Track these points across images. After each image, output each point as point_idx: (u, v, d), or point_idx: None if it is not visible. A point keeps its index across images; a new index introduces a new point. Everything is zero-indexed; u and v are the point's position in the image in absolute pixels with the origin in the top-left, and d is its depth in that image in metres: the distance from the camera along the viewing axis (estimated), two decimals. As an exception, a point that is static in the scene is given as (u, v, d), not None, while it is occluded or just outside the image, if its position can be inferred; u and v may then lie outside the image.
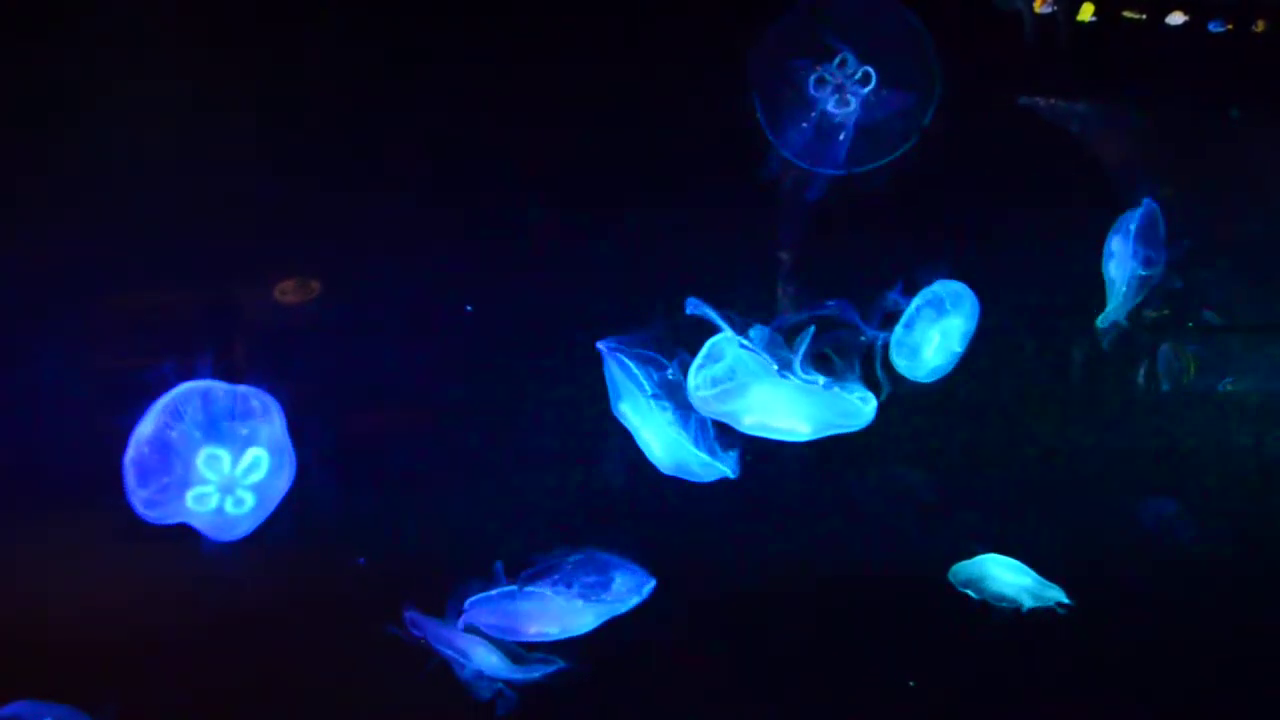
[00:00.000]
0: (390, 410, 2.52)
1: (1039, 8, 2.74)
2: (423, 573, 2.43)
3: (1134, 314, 2.73)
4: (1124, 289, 2.59)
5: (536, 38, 2.45)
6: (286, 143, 2.39)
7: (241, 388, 1.91)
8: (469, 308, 2.50)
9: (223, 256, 2.38)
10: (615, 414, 2.34)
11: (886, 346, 2.39)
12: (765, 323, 2.45)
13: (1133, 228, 2.58)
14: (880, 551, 2.75)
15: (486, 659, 2.29)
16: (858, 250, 2.65)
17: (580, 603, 2.31)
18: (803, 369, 2.22)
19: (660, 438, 2.31)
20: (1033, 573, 2.64)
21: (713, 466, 2.30)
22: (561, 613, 2.31)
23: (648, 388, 2.25)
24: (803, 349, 2.20)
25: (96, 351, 2.37)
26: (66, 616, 2.39)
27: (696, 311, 2.20)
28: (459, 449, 2.53)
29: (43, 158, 2.29)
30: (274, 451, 1.93)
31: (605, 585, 2.33)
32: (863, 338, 2.38)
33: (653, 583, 2.36)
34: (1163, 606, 2.79)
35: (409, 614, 2.30)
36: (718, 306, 2.38)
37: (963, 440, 2.78)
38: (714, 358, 2.21)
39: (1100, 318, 2.64)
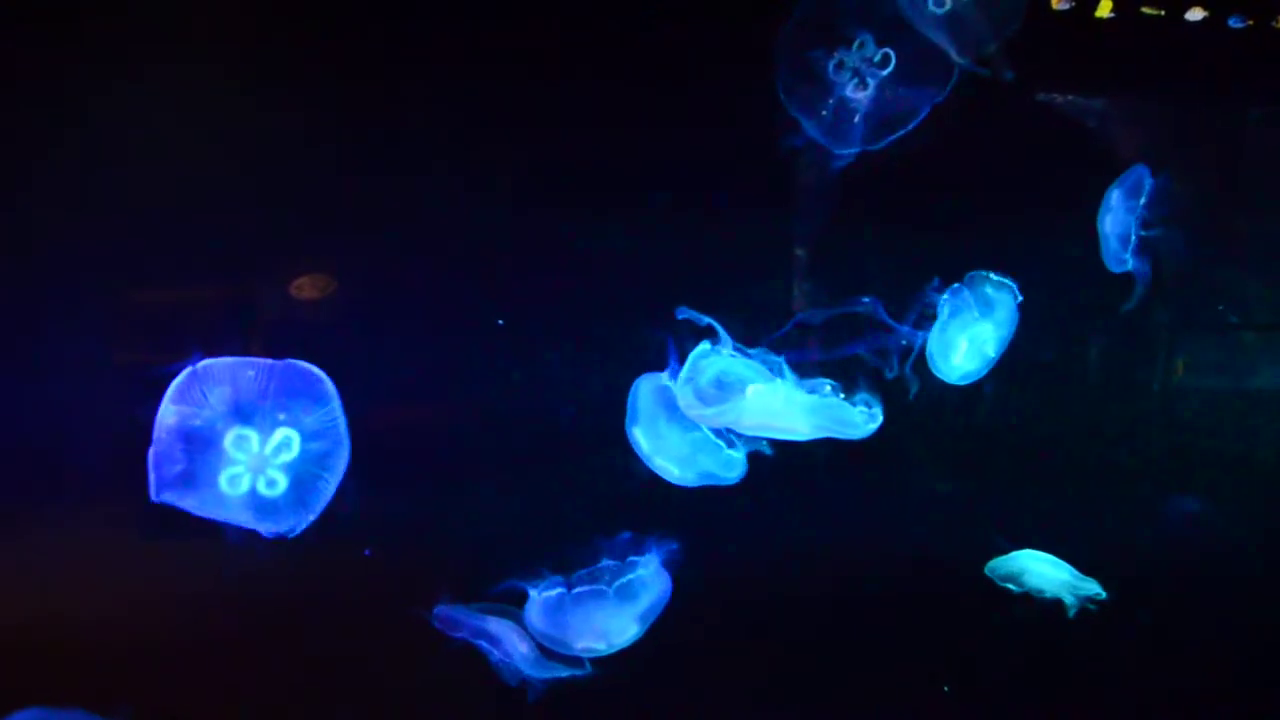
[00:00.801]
0: (411, 406, 2.54)
1: (1057, 4, 2.77)
2: (451, 565, 2.46)
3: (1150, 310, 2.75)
4: (1116, 245, 2.57)
5: (560, 38, 2.50)
6: (308, 137, 2.44)
7: (274, 365, 1.92)
8: (500, 321, 2.53)
9: (242, 252, 2.41)
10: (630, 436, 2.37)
11: (914, 346, 2.41)
12: (786, 320, 2.49)
13: (1133, 186, 2.58)
14: (911, 550, 2.75)
15: (517, 648, 2.29)
16: (874, 248, 2.69)
17: (623, 605, 2.31)
18: (799, 376, 2.23)
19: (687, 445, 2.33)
20: (1069, 567, 2.63)
21: (735, 462, 2.32)
22: (608, 621, 2.32)
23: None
24: (798, 356, 2.22)
25: (115, 348, 2.41)
26: (93, 614, 2.43)
27: (687, 317, 2.21)
28: (483, 444, 2.56)
29: (64, 155, 2.34)
30: (312, 435, 1.94)
31: (642, 581, 2.32)
32: (896, 338, 2.40)
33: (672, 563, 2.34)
34: (1193, 603, 2.79)
35: (440, 604, 2.31)
36: (735, 307, 2.42)
37: (994, 438, 2.78)
38: (699, 370, 2.22)
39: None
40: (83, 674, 2.37)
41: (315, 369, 1.96)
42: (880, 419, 2.22)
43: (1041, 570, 2.61)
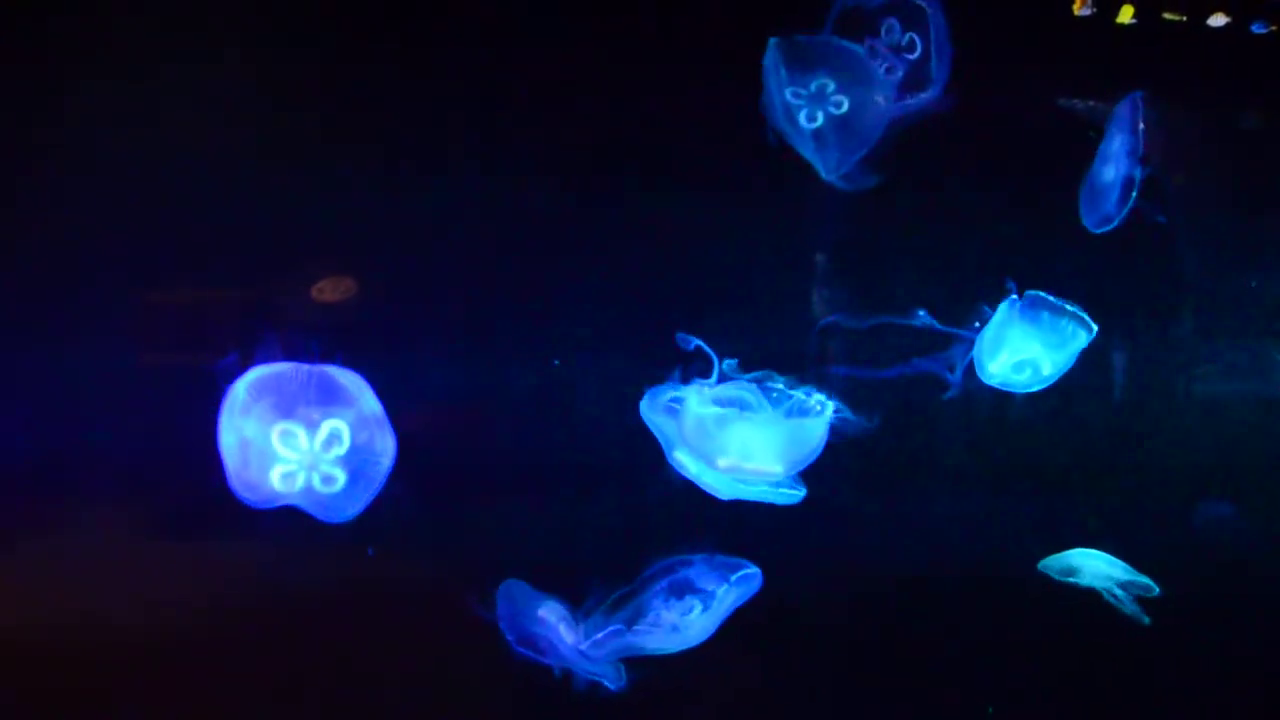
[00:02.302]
0: (443, 409, 2.58)
1: (1078, 10, 2.80)
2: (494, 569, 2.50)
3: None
4: (1117, 194, 2.58)
5: (578, 40, 2.54)
6: (329, 140, 2.48)
7: (314, 366, 2.00)
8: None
9: (266, 255, 2.47)
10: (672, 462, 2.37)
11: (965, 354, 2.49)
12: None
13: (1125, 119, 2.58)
14: (953, 553, 2.80)
15: (565, 639, 2.34)
16: (894, 254, 2.74)
17: (694, 611, 2.33)
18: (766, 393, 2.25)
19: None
20: (1121, 562, 2.66)
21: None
22: (677, 627, 2.33)
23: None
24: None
25: (144, 349, 2.47)
26: (124, 615, 2.49)
27: (685, 345, 2.24)
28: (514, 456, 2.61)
29: (88, 160, 2.39)
30: (357, 425, 2.04)
31: (710, 591, 2.35)
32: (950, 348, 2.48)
33: (757, 573, 2.38)
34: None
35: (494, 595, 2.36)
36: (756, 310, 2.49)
37: (1034, 442, 2.81)
38: (675, 409, 2.25)
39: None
40: (106, 675, 2.46)
41: (348, 370, 2.05)
42: (830, 407, 2.24)
43: (1095, 566, 2.64)
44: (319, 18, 2.46)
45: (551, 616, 2.37)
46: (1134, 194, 2.56)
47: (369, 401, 2.05)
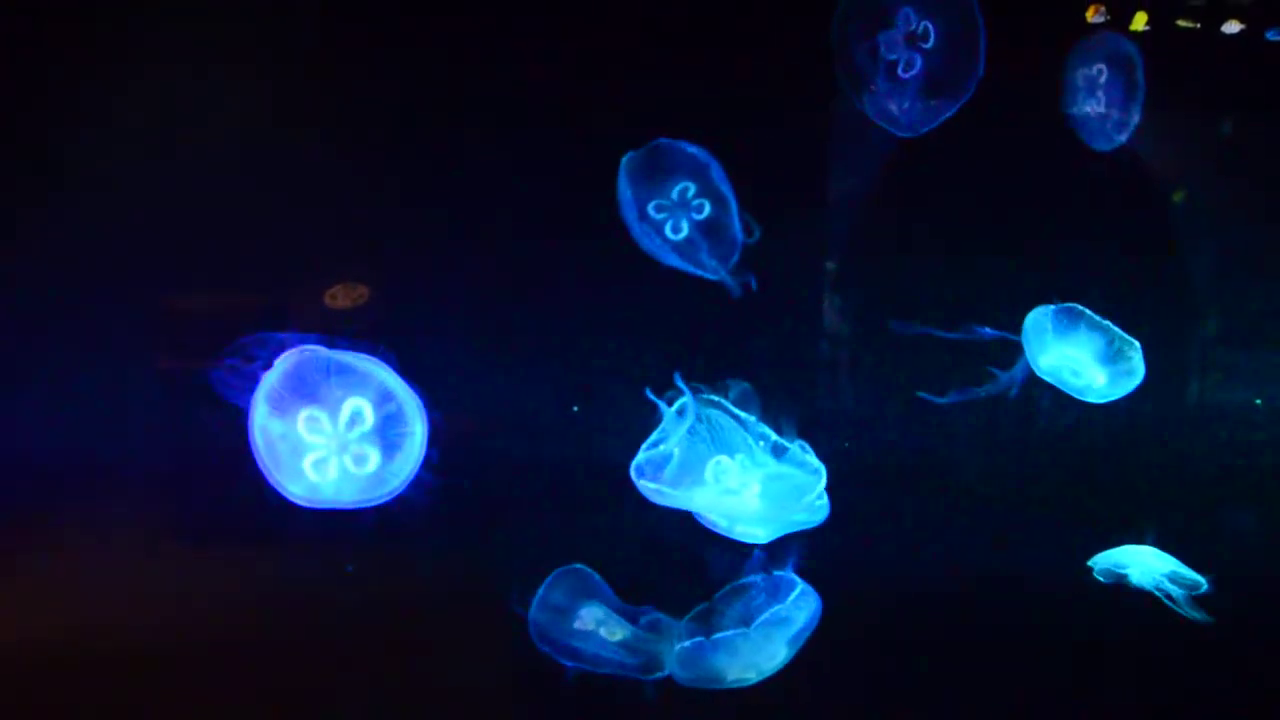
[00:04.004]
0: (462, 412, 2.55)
1: (1091, 17, 2.85)
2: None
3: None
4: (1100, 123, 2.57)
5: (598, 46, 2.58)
6: (342, 146, 2.50)
7: (327, 348, 2.01)
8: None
9: (277, 259, 2.50)
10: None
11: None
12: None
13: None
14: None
15: (608, 638, 2.33)
16: (906, 263, 2.76)
17: (769, 637, 2.30)
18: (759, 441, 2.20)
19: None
20: (1173, 559, 2.61)
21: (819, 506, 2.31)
22: (755, 655, 2.30)
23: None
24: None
25: (151, 354, 2.49)
26: (139, 620, 2.48)
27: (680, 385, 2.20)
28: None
29: (100, 164, 2.42)
30: (379, 400, 2.06)
31: (786, 611, 2.31)
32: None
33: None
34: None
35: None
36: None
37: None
38: (657, 450, 2.21)
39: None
40: (121, 682, 2.45)
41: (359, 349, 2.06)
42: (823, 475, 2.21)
43: (1145, 563, 2.59)
44: (341, 19, 2.52)
45: (590, 620, 2.35)
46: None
47: (386, 376, 2.06)
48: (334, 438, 2.07)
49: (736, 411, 2.21)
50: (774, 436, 2.22)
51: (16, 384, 2.44)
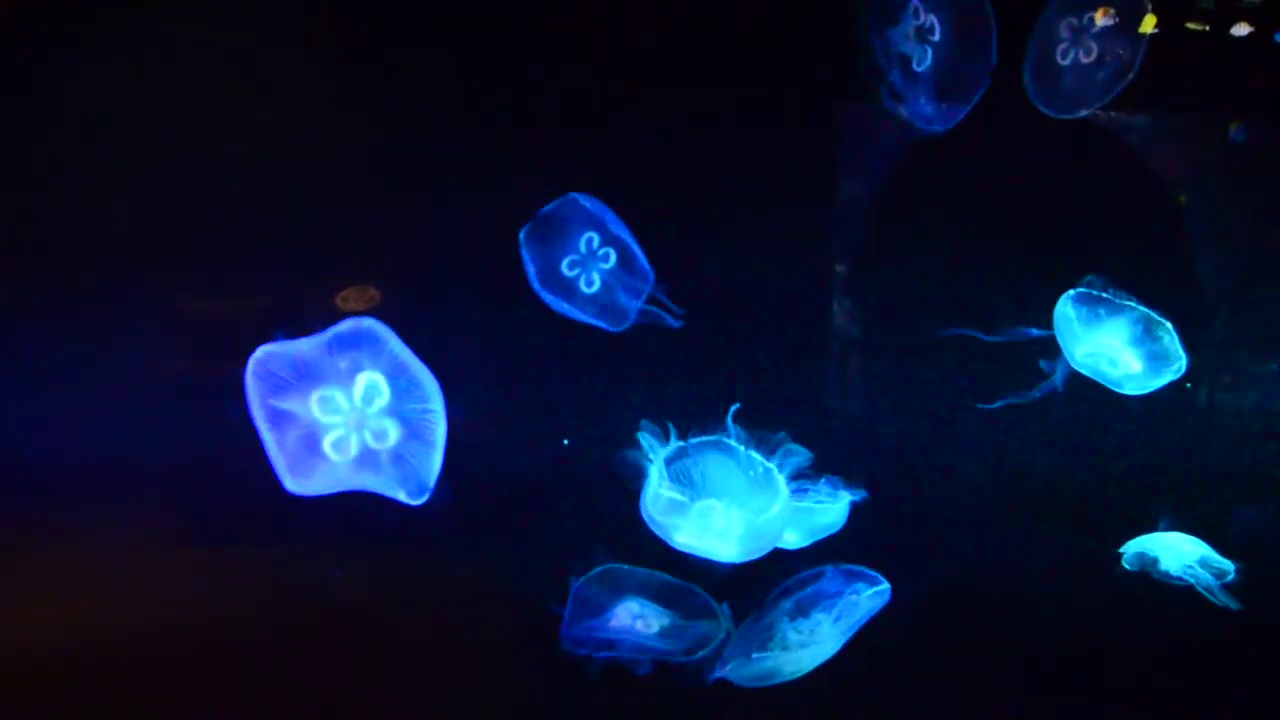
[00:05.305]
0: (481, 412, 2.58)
1: (1100, 20, 2.87)
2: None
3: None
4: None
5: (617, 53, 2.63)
6: (357, 149, 2.54)
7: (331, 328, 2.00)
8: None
9: (288, 262, 2.52)
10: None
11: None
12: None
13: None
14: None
15: (645, 631, 2.31)
16: (916, 265, 2.75)
17: (829, 626, 2.29)
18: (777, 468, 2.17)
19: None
20: (1203, 543, 2.57)
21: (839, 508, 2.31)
22: (809, 648, 2.28)
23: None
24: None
25: (163, 357, 2.52)
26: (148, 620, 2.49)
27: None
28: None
29: (111, 167, 2.46)
30: (392, 373, 2.04)
31: (851, 603, 2.30)
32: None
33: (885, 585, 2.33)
34: None
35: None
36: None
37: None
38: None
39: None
40: (131, 684, 2.46)
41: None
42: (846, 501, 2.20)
43: (1174, 547, 2.55)
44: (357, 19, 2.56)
45: (626, 615, 2.34)
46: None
47: (396, 346, 2.04)
48: (351, 413, 2.05)
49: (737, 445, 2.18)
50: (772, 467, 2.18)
51: (35, 386, 2.47)
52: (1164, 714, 2.74)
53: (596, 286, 2.43)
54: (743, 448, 2.13)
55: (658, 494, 2.10)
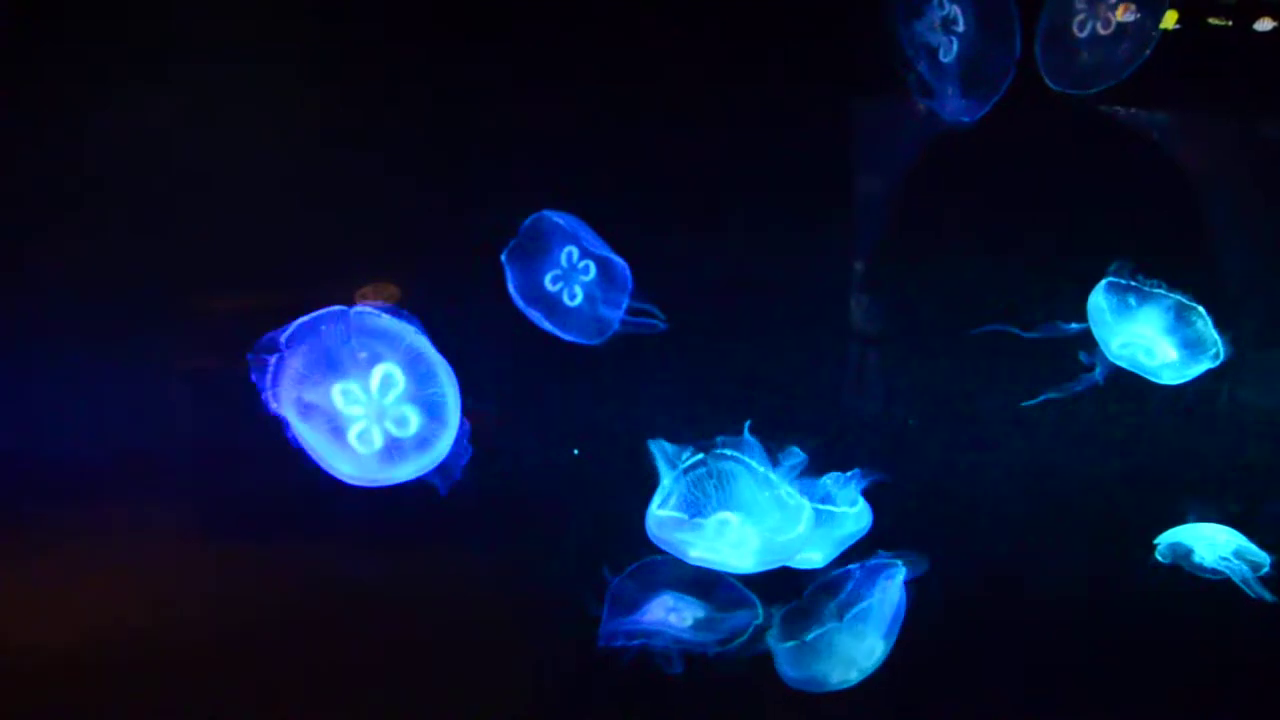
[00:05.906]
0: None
1: (1120, 16, 2.87)
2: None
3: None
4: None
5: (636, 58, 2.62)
6: (373, 143, 2.55)
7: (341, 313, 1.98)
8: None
9: (307, 260, 2.53)
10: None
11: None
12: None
13: None
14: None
15: (679, 624, 2.29)
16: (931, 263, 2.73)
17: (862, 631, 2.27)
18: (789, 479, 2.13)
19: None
20: (1239, 534, 2.53)
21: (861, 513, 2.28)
22: (853, 650, 2.28)
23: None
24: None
25: (179, 355, 2.52)
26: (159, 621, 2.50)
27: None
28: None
29: (123, 166, 2.46)
30: (407, 362, 2.03)
31: (872, 606, 2.28)
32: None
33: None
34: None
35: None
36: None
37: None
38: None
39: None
40: (135, 684, 2.45)
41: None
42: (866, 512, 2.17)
43: (1212, 539, 2.51)
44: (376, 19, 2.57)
45: (660, 609, 2.32)
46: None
47: (412, 337, 2.04)
48: (370, 404, 2.04)
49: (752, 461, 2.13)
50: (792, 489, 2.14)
51: (50, 385, 2.47)
52: (1199, 708, 2.69)
53: (579, 299, 2.43)
54: (760, 466, 2.08)
55: (656, 514, 2.07)
